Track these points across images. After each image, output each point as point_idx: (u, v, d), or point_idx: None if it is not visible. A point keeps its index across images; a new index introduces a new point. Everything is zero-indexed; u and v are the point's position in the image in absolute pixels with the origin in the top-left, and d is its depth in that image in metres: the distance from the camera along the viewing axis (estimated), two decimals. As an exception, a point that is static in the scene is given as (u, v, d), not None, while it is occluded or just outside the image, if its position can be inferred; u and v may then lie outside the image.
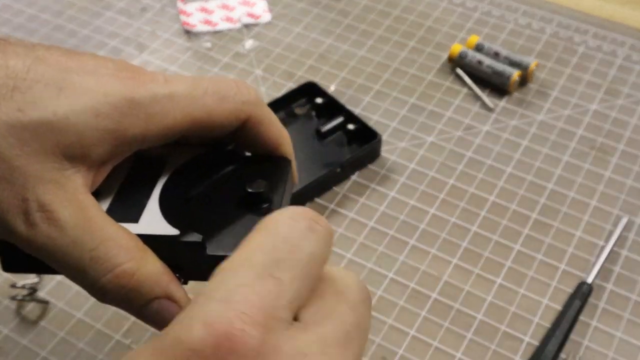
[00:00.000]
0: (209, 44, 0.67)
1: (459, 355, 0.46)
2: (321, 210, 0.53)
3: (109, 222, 0.28)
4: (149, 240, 0.29)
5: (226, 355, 0.20)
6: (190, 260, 0.28)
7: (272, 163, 0.32)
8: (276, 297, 0.22)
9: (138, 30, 0.69)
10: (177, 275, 0.29)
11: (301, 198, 0.53)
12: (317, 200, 0.54)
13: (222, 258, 0.24)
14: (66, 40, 0.68)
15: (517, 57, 0.62)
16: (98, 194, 0.29)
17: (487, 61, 0.61)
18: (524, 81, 0.62)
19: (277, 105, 0.59)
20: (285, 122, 0.59)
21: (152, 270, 0.28)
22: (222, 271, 0.23)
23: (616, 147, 0.57)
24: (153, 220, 0.30)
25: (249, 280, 0.23)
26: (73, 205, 0.27)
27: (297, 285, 0.23)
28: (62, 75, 0.27)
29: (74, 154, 0.27)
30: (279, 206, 0.30)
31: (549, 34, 0.67)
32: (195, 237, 0.28)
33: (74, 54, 0.29)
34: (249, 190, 0.30)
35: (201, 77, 0.30)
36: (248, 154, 0.33)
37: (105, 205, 0.30)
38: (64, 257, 0.27)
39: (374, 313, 0.48)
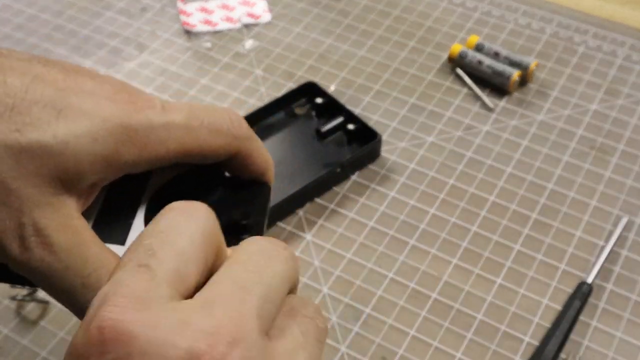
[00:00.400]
0: (209, 44, 0.67)
1: (459, 355, 0.46)
2: (321, 210, 0.54)
3: (101, 248, 0.28)
4: None
5: (105, 346, 0.21)
6: None
7: (254, 189, 0.33)
8: (148, 281, 0.23)
9: (138, 30, 0.69)
10: None
11: (301, 198, 0.53)
12: (317, 200, 0.54)
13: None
14: (66, 40, 0.68)
15: (517, 57, 0.62)
16: (83, 212, 0.30)
17: (487, 61, 0.61)
18: (524, 81, 0.62)
19: (277, 105, 0.59)
20: (285, 122, 0.59)
21: None
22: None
23: (616, 147, 0.57)
24: None
25: (121, 277, 0.23)
26: (67, 231, 0.27)
27: (172, 266, 0.23)
28: (61, 95, 0.27)
29: (69, 178, 0.27)
30: (261, 234, 0.31)
31: (549, 34, 0.67)
32: None
33: (72, 72, 0.28)
34: (234, 220, 0.30)
35: (197, 107, 0.30)
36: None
37: (90, 223, 0.30)
38: (56, 282, 0.27)
39: (374, 313, 0.48)
